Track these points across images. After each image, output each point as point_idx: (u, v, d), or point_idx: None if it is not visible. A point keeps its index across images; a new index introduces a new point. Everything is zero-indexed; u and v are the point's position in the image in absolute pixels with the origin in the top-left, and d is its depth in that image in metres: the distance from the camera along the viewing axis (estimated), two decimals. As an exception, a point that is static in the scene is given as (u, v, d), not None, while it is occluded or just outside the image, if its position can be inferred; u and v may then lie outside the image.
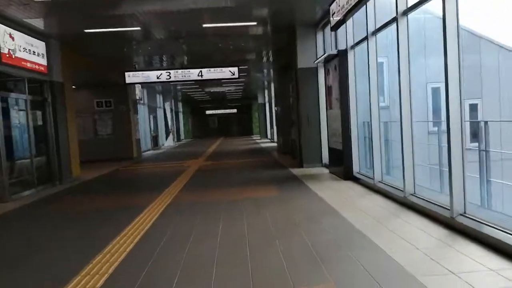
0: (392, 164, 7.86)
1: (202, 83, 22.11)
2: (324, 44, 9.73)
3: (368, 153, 7.66)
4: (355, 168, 7.59)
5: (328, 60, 8.40)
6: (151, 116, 22.83)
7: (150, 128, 22.23)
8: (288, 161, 11.68)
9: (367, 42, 6.38)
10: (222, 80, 11.00)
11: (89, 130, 16.24)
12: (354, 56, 7.50)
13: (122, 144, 16.12)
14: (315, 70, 9.82)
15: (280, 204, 5.94)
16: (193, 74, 10.41)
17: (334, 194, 6.41)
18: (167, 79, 10.44)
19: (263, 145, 21.07)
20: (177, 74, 10.44)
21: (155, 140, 23.29)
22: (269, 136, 25.75)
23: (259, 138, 29.10)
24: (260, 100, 27.46)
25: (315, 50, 9.80)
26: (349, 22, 7.37)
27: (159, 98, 26.00)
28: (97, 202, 7.19)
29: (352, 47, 7.47)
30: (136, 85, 18.32)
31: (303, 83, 9.87)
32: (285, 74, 13.93)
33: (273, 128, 22.56)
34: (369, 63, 6.40)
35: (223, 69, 10.41)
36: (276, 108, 16.39)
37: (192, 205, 6.16)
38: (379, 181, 6.40)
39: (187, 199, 6.78)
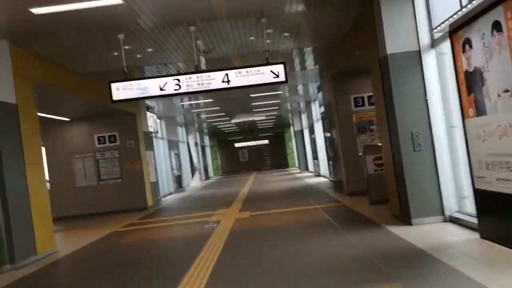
0: None
1: (229, 109, 18.61)
2: (428, 13, 5.81)
3: None
4: None
5: (463, 23, 4.44)
6: (172, 153, 19.26)
7: (172, 167, 18.60)
8: (368, 209, 7.56)
9: None
10: (260, 86, 7.06)
11: (91, 175, 12.69)
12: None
13: (133, 191, 12.44)
14: (416, 56, 5.86)
15: None
16: (215, 80, 6.66)
17: None
18: (175, 90, 6.72)
19: (308, 180, 16.95)
20: (191, 82, 6.71)
21: (178, 180, 19.61)
22: (311, 168, 21.65)
23: (298, 171, 25.01)
24: (297, 127, 23.58)
25: (413, 23, 5.88)
26: None
27: (181, 131, 22.53)
28: None
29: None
30: (150, 115, 14.86)
31: (399, 78, 5.90)
32: (343, 81, 10.01)
33: (317, 159, 18.51)
34: None
35: (261, 69, 6.63)
36: (328, 133, 12.42)
37: None
38: None
39: None
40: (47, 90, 7.85)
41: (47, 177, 13.38)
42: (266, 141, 34.75)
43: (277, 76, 6.62)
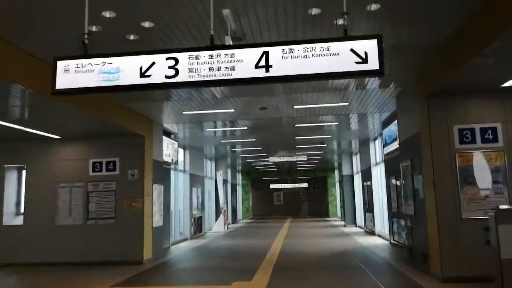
0: None
1: (267, 142, 15.32)
2: None
3: None
4: None
5: None
6: (195, 189, 16.14)
7: (192, 207, 15.42)
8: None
9: None
10: (332, 78, 3.78)
11: (77, 211, 9.65)
12: None
13: (128, 237, 9.28)
14: None
15: None
16: (243, 62, 3.48)
17: None
18: (168, 77, 3.61)
19: (359, 239, 13.17)
20: (197, 65, 3.58)
21: (198, 223, 16.34)
22: (359, 222, 17.78)
23: (342, 223, 21.12)
24: (345, 171, 19.95)
25: None
26: None
27: (209, 165, 19.49)
28: None
29: None
30: (170, 142, 11.91)
31: None
32: (442, 105, 6.61)
33: (371, 213, 14.75)
34: None
35: (334, 46, 3.36)
36: (396, 179, 8.87)
37: None
38: None
39: None
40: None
41: (22, 209, 10.66)
42: (305, 185, 31.06)
43: (364, 61, 3.33)
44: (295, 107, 9.31)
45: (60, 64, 3.70)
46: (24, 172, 10.16)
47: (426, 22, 5.04)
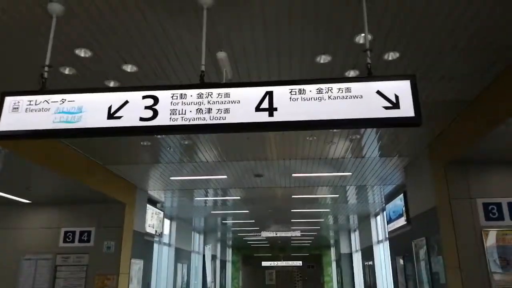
0: None
1: (261, 216, 14.29)
2: None
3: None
4: None
5: None
6: (181, 265, 14.72)
7: (176, 285, 13.91)
8: None
9: None
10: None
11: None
12: None
13: (98, 321, 7.91)
14: None
15: None
16: (240, 104, 2.73)
17: None
18: (142, 120, 2.81)
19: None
20: (183, 105, 2.80)
21: (182, 304, 14.68)
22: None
23: (339, 307, 19.30)
24: (343, 249, 18.64)
25: None
26: None
27: (198, 239, 18.14)
28: None
29: None
30: (155, 211, 10.88)
31: None
32: (462, 176, 5.84)
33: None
34: None
35: (356, 87, 2.59)
36: (405, 260, 7.81)
37: None
38: None
39: None
40: None
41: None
42: (299, 263, 29.23)
43: (394, 106, 2.60)
44: (293, 175, 8.52)
45: (9, 101, 2.93)
46: (-15, 240, 8.98)
47: (449, 79, 4.43)
